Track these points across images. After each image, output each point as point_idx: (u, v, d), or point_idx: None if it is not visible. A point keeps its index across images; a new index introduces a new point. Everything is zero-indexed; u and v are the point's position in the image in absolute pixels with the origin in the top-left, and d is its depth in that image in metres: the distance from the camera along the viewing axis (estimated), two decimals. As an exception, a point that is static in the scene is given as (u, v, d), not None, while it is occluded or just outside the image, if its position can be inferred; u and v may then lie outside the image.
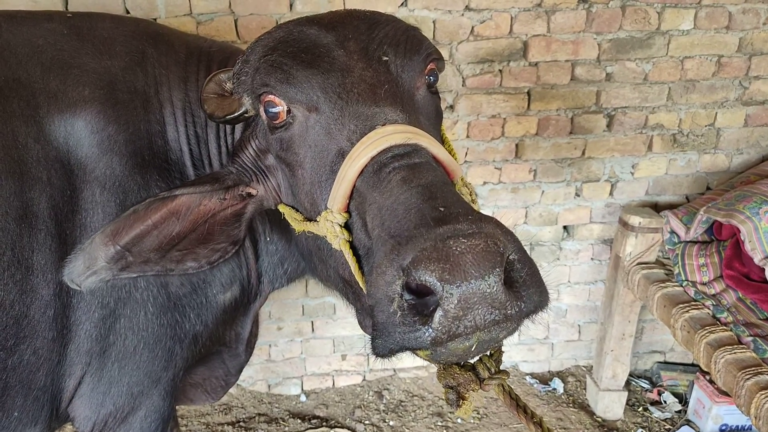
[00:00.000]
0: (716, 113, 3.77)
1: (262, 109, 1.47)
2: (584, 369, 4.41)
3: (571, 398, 4.17)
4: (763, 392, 2.39)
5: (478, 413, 3.98)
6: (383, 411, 3.98)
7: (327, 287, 1.74)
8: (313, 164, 1.39)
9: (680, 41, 3.55)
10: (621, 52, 3.52)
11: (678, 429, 3.93)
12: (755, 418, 2.42)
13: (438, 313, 0.94)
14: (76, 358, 1.73)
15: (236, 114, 1.54)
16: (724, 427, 3.83)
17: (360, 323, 1.48)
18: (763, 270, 2.89)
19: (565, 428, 3.89)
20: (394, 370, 4.26)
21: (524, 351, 4.31)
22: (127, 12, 3.02)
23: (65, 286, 1.64)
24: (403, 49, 1.47)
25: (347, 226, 1.28)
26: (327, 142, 1.35)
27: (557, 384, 4.25)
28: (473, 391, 1.18)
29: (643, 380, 4.37)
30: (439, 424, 3.87)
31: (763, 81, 3.71)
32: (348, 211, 1.27)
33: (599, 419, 3.99)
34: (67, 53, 1.75)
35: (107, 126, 1.70)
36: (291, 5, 3.15)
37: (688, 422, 3.98)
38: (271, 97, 1.42)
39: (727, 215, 3.06)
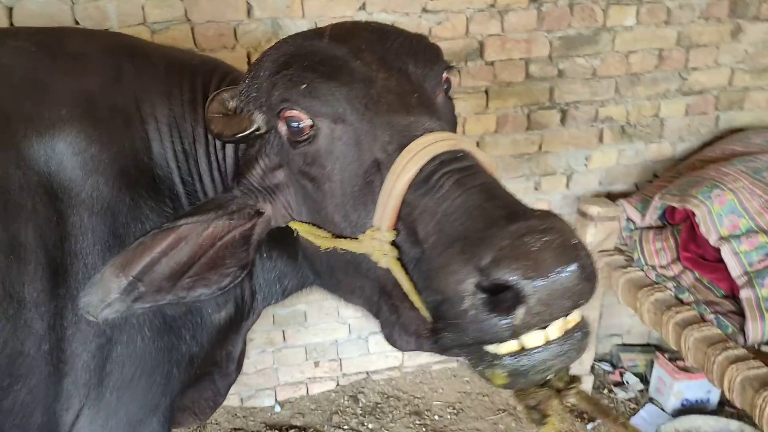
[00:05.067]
0: (660, 104, 3.97)
1: (282, 125, 1.44)
2: (549, 357, 4.54)
3: (540, 386, 4.29)
4: (733, 365, 2.54)
5: (453, 408, 4.04)
6: (360, 414, 3.98)
7: (347, 301, 1.70)
8: (343, 176, 1.37)
9: (624, 37, 3.72)
10: (571, 48, 3.66)
11: (642, 407, 4.11)
12: (728, 390, 2.57)
13: (521, 309, 0.96)
14: (74, 391, 1.65)
15: (247, 132, 1.50)
16: (685, 402, 4.03)
17: (388, 337, 1.45)
18: (718, 250, 3.07)
19: (537, 416, 4.00)
20: (367, 373, 4.26)
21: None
22: (77, 23, 2.90)
23: (59, 318, 1.57)
24: (422, 58, 1.48)
25: (393, 242, 1.26)
26: (357, 154, 1.34)
27: (526, 373, 4.36)
28: (554, 404, 1.20)
29: (604, 363, 4.54)
30: (418, 422, 3.91)
31: (700, 72, 3.94)
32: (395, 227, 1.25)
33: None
34: (39, 72, 1.66)
35: (89, 146, 1.62)
36: (249, 11, 3.11)
37: (651, 400, 4.18)
38: (293, 112, 1.39)
39: (681, 200, 3.23)
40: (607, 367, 4.52)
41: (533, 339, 1.04)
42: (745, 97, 4.07)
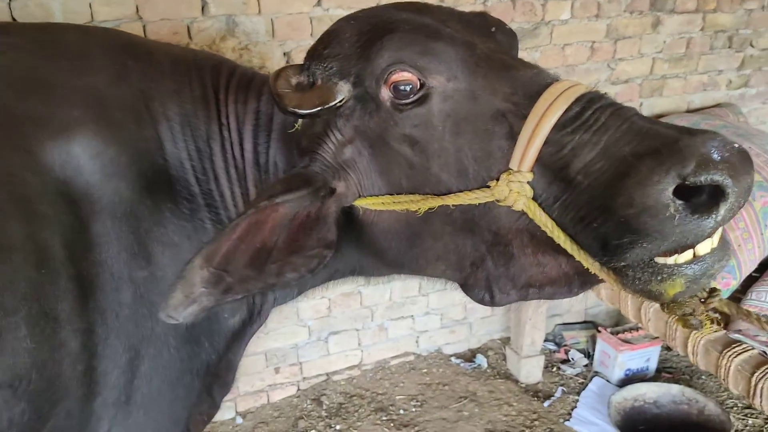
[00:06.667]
0: (592, 93, 4.20)
1: (385, 91, 1.39)
2: (499, 342, 4.70)
3: (495, 370, 4.43)
4: (695, 330, 2.75)
5: (416, 401, 4.07)
6: (326, 417, 3.92)
7: (420, 273, 1.65)
8: (458, 131, 1.36)
9: (561, 30, 3.90)
10: (514, 42, 3.79)
11: (590, 381, 4.34)
12: (692, 354, 2.78)
13: (724, 206, 1.07)
14: (103, 413, 1.51)
15: (332, 104, 1.42)
16: (627, 372, 4.30)
17: (481, 297, 1.47)
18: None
19: (497, 399, 4.13)
20: (327, 375, 4.21)
21: (446, 334, 4.49)
22: (14, 20, 2.64)
23: (90, 335, 1.43)
24: (506, 31, 1.55)
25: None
26: (474, 107, 1.34)
27: (481, 360, 4.49)
28: (701, 311, 1.29)
29: (550, 343, 4.75)
30: (384, 418, 3.91)
31: (626, 62, 4.20)
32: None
33: (523, 385, 4.28)
34: (41, 71, 1.51)
35: (107, 148, 1.49)
36: (203, 8, 2.96)
37: (597, 373, 4.42)
38: (404, 74, 1.35)
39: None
40: (552, 346, 4.74)
41: (704, 247, 1.13)
42: (664, 84, 4.40)
